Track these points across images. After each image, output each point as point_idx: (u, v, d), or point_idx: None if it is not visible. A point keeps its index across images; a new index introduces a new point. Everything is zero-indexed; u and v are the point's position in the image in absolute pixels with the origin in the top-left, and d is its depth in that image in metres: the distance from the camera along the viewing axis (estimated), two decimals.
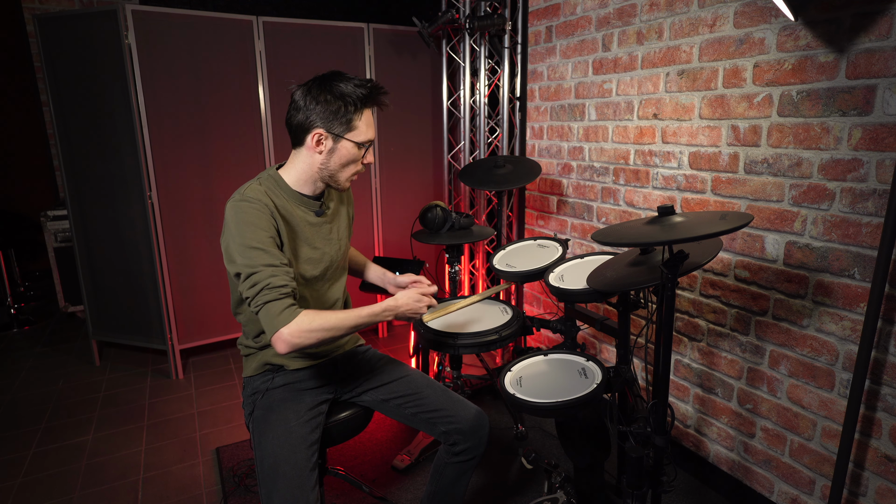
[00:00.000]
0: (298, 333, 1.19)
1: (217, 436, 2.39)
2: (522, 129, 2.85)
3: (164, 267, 2.78)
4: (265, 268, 1.21)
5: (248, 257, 1.21)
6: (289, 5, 4.12)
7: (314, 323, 1.21)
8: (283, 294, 1.20)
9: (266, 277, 1.20)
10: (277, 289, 1.20)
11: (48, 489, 2.04)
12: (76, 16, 2.62)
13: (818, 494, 1.66)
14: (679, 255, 1.17)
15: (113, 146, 2.71)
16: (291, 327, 1.18)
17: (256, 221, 1.24)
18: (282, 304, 1.19)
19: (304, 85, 1.32)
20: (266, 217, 1.26)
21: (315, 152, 1.33)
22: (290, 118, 1.33)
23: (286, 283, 1.21)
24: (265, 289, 1.19)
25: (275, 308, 1.19)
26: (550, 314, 2.78)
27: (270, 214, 1.28)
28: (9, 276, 3.85)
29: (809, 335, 1.62)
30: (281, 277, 1.21)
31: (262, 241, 1.23)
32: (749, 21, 1.66)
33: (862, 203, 1.45)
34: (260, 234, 1.23)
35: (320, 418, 1.42)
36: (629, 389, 1.68)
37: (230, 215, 1.26)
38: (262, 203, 1.27)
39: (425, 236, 2.27)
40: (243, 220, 1.24)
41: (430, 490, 1.54)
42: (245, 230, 1.23)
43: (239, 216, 1.24)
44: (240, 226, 1.24)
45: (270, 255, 1.23)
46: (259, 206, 1.26)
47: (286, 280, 1.22)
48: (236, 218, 1.24)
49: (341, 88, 1.29)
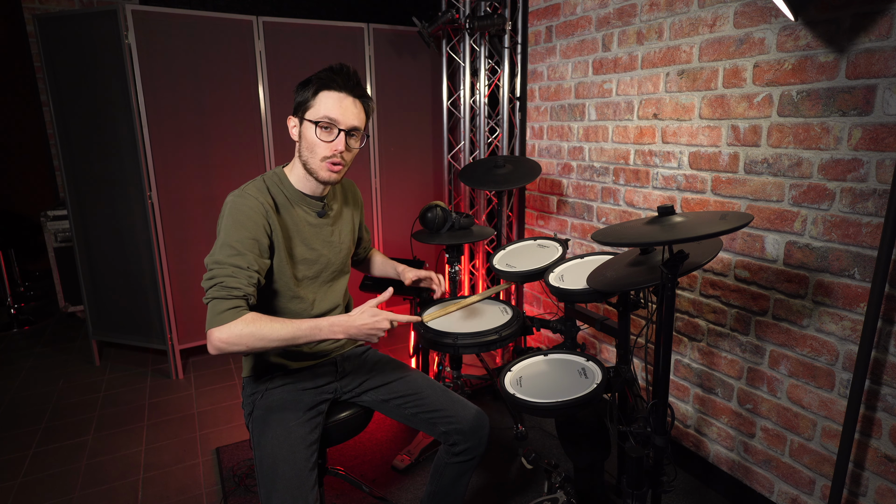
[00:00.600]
0: (227, 338, 1.17)
1: (217, 436, 2.39)
2: (522, 129, 2.85)
3: (164, 267, 2.78)
4: (229, 267, 1.22)
5: (222, 253, 1.23)
6: (289, 5, 4.12)
7: (245, 329, 1.17)
8: (231, 295, 1.19)
9: (223, 276, 1.21)
10: (229, 289, 1.20)
11: (48, 489, 2.04)
12: (76, 16, 2.62)
13: (818, 494, 1.66)
14: (679, 255, 1.17)
15: (113, 146, 2.71)
16: (222, 330, 1.17)
17: (245, 221, 1.26)
18: (225, 305, 1.18)
19: None
20: (258, 217, 1.28)
21: (295, 141, 1.37)
22: None
23: (240, 287, 1.21)
24: (218, 286, 1.20)
25: (219, 306, 1.18)
26: (550, 314, 2.78)
27: (265, 214, 1.29)
28: (9, 276, 3.85)
29: (809, 335, 1.62)
30: (238, 280, 1.21)
31: (242, 242, 1.25)
32: (749, 21, 1.66)
33: (862, 203, 1.44)
34: (244, 234, 1.26)
35: (320, 418, 1.42)
36: (629, 389, 1.68)
37: (227, 208, 1.29)
38: (258, 202, 1.29)
39: (425, 236, 2.27)
40: (234, 217, 1.27)
41: (430, 490, 1.54)
42: (232, 227, 1.26)
43: (233, 211, 1.28)
44: (231, 221, 1.27)
45: (243, 257, 1.24)
46: (254, 205, 1.28)
47: (241, 283, 1.21)
48: (231, 212, 1.28)
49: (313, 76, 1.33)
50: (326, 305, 1.48)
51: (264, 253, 1.30)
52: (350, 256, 1.58)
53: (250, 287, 1.23)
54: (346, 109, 1.32)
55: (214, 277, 1.21)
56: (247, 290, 1.22)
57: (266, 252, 1.31)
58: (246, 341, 1.18)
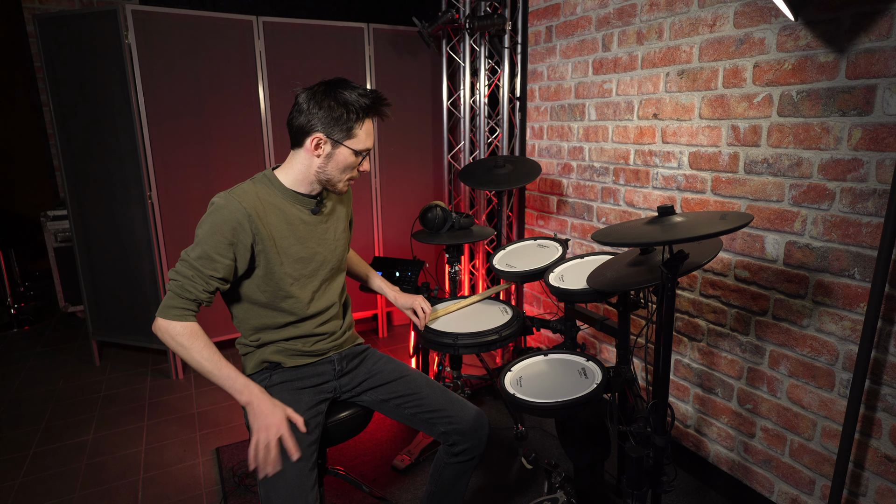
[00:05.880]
0: (163, 331, 1.28)
1: (217, 436, 2.39)
2: (522, 129, 2.85)
3: (164, 267, 2.78)
4: (194, 270, 1.27)
5: (194, 252, 1.29)
6: (289, 5, 4.12)
7: (179, 336, 1.27)
8: (185, 297, 1.28)
9: (186, 278, 1.27)
10: (185, 290, 1.27)
11: (48, 489, 2.04)
12: (76, 16, 2.62)
13: (818, 494, 1.66)
14: (679, 255, 1.17)
15: (113, 146, 2.71)
16: (163, 323, 1.28)
17: (222, 226, 1.28)
18: (177, 302, 1.27)
19: (310, 89, 1.33)
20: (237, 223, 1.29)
21: (313, 156, 1.35)
22: (292, 119, 1.35)
23: (193, 292, 1.28)
24: (177, 283, 1.28)
25: (171, 301, 1.28)
26: (550, 314, 2.78)
27: (247, 220, 1.30)
28: (9, 276, 3.85)
29: (809, 335, 1.62)
30: (195, 284, 1.28)
31: (216, 247, 1.28)
32: (749, 21, 1.66)
33: (862, 203, 1.44)
34: (220, 240, 1.28)
35: (319, 418, 1.42)
36: (629, 389, 1.68)
37: (211, 209, 1.31)
38: (242, 207, 1.30)
39: (425, 236, 2.27)
40: (214, 220, 1.29)
41: (430, 490, 1.54)
42: (209, 230, 1.28)
43: (214, 214, 1.29)
44: (209, 223, 1.29)
45: (210, 262, 1.28)
46: (236, 208, 1.29)
47: (197, 289, 1.28)
48: (212, 214, 1.30)
49: (345, 96, 1.31)
50: (322, 304, 1.48)
51: (242, 257, 1.32)
52: (346, 254, 1.58)
53: (205, 294, 1.29)
54: (372, 134, 1.39)
55: (179, 274, 1.28)
56: (200, 296, 1.29)
57: (244, 258, 1.32)
58: (174, 346, 1.29)
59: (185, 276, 1.27)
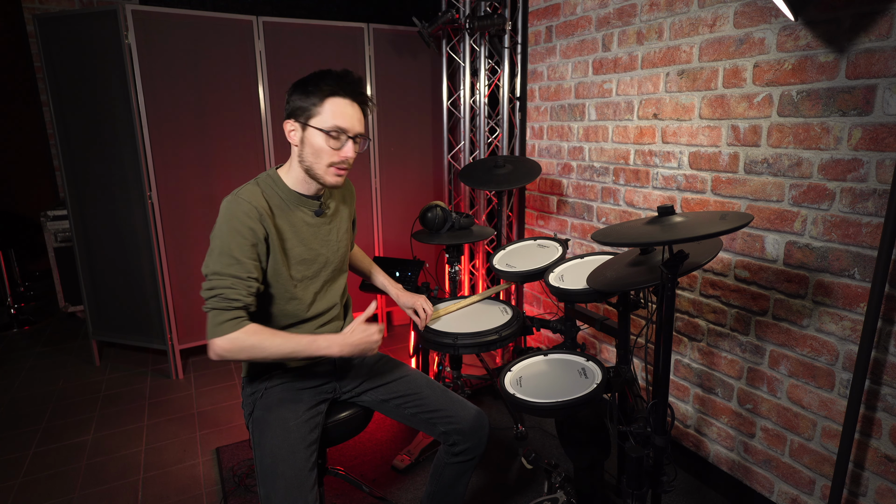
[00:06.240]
0: (229, 347, 1.22)
1: (217, 436, 2.39)
2: (522, 129, 2.85)
3: (164, 267, 2.78)
4: (229, 277, 1.24)
5: (220, 264, 1.24)
6: (289, 5, 4.12)
7: (247, 341, 1.23)
8: (231, 306, 1.23)
9: (223, 287, 1.23)
10: (229, 300, 1.23)
11: (48, 489, 2.04)
12: (76, 16, 2.62)
13: (818, 494, 1.66)
14: (679, 255, 1.17)
15: (113, 146, 2.71)
16: (224, 340, 1.21)
17: (241, 227, 1.26)
18: (227, 315, 1.22)
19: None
20: (253, 222, 1.28)
21: (294, 145, 1.35)
22: None
23: (240, 298, 1.24)
24: (218, 297, 1.23)
25: (219, 317, 1.22)
26: (550, 314, 2.78)
27: (259, 219, 1.29)
28: (9, 276, 3.85)
29: (809, 335, 1.62)
30: (238, 290, 1.24)
31: (241, 251, 1.25)
32: (749, 21, 1.66)
33: (862, 203, 1.44)
34: (242, 241, 1.26)
35: (319, 418, 1.42)
36: (629, 389, 1.68)
37: (223, 213, 1.28)
38: (252, 206, 1.29)
39: (425, 236, 2.27)
40: (231, 225, 1.26)
41: (430, 490, 1.54)
42: (229, 235, 1.26)
43: (229, 218, 1.27)
44: (227, 228, 1.26)
45: (242, 266, 1.25)
46: (248, 209, 1.28)
47: (241, 294, 1.24)
48: (226, 218, 1.27)
49: (314, 79, 1.32)
50: (324, 306, 1.48)
51: (262, 257, 1.31)
52: (348, 254, 1.58)
53: (249, 297, 1.26)
54: (353, 117, 1.33)
55: (214, 288, 1.23)
56: (246, 300, 1.25)
57: (264, 256, 1.31)
58: (247, 352, 1.24)
59: (223, 286, 1.23)
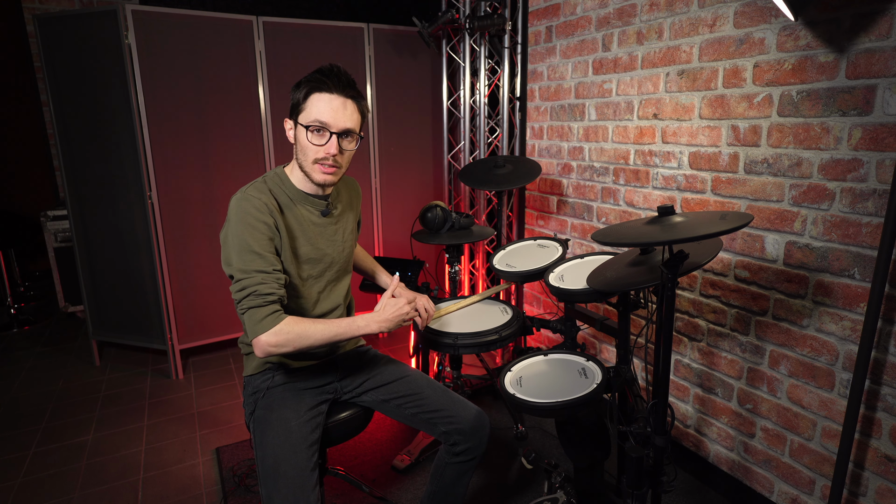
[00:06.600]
0: (276, 341, 1.22)
1: (217, 436, 2.39)
2: (522, 129, 2.85)
3: (164, 267, 2.78)
4: (256, 273, 1.23)
5: (243, 261, 1.24)
6: (289, 5, 4.12)
7: (293, 331, 1.24)
8: (267, 301, 1.23)
9: (255, 284, 1.23)
10: (263, 296, 1.23)
11: (48, 489, 2.04)
12: (76, 16, 2.62)
13: (818, 494, 1.66)
14: (679, 255, 1.17)
15: (113, 146, 2.71)
16: (270, 335, 1.22)
17: (256, 223, 1.26)
18: (265, 311, 1.22)
19: None
20: (266, 216, 1.28)
21: (291, 143, 1.36)
22: None
23: (273, 291, 1.24)
24: (251, 295, 1.22)
25: (258, 314, 1.22)
26: (550, 314, 2.78)
27: (270, 213, 1.29)
28: (9, 276, 3.85)
29: (809, 335, 1.62)
30: (269, 285, 1.24)
31: (261, 245, 1.25)
32: (749, 21, 1.66)
33: (862, 203, 1.45)
34: (259, 237, 1.26)
35: (320, 418, 1.42)
36: (629, 389, 1.68)
37: (234, 212, 1.28)
38: (263, 202, 1.29)
39: (425, 236, 2.27)
40: (245, 221, 1.26)
41: (431, 490, 1.54)
42: (245, 231, 1.25)
43: (242, 215, 1.26)
44: (242, 225, 1.25)
45: (265, 260, 1.25)
46: (259, 205, 1.28)
47: (273, 288, 1.24)
48: (239, 216, 1.26)
49: (306, 76, 1.33)
50: (327, 306, 1.48)
51: (278, 251, 1.32)
52: (353, 254, 1.58)
53: (281, 289, 1.27)
54: (337, 112, 1.30)
55: (245, 288, 1.23)
56: (279, 292, 1.25)
57: (279, 248, 1.32)
58: (294, 343, 1.25)
59: (254, 283, 1.23)
